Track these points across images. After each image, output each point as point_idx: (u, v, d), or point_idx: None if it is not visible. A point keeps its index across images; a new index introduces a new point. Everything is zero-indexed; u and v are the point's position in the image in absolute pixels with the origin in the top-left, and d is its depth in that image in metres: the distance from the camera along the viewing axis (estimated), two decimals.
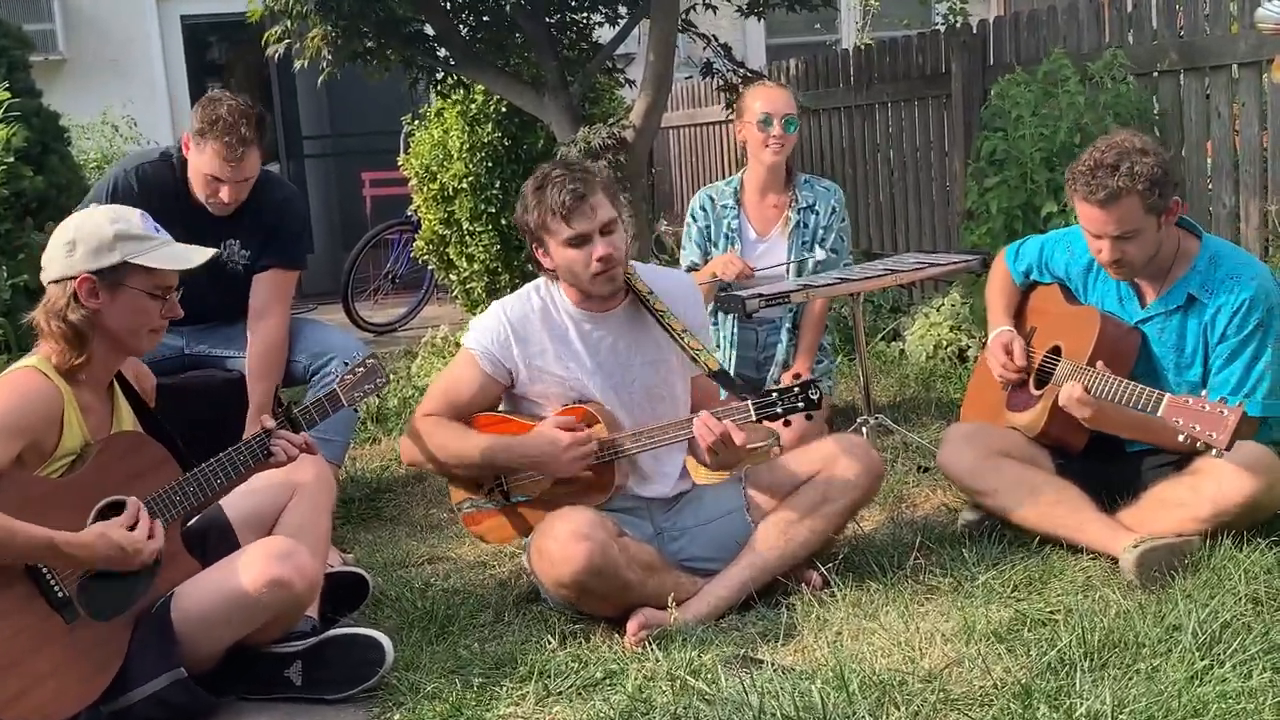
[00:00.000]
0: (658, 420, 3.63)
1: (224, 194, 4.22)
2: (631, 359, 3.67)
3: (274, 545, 3.19)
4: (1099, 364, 3.58)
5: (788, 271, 4.94)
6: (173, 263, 3.16)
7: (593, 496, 3.56)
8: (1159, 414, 3.39)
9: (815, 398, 3.44)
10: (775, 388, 3.49)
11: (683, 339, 3.62)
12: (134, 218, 3.18)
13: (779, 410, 3.45)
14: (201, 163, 4.19)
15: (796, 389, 3.44)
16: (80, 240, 3.10)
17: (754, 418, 3.46)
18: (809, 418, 3.51)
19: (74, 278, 3.08)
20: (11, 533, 2.85)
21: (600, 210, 3.52)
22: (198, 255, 3.23)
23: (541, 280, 3.73)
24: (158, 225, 3.22)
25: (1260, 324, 3.58)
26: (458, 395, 3.68)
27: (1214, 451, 3.29)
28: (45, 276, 3.15)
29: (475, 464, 3.62)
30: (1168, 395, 3.41)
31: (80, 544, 2.95)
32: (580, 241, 3.51)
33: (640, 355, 3.68)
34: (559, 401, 3.63)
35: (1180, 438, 3.35)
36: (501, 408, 3.72)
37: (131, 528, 3.03)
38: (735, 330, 5.02)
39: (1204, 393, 3.44)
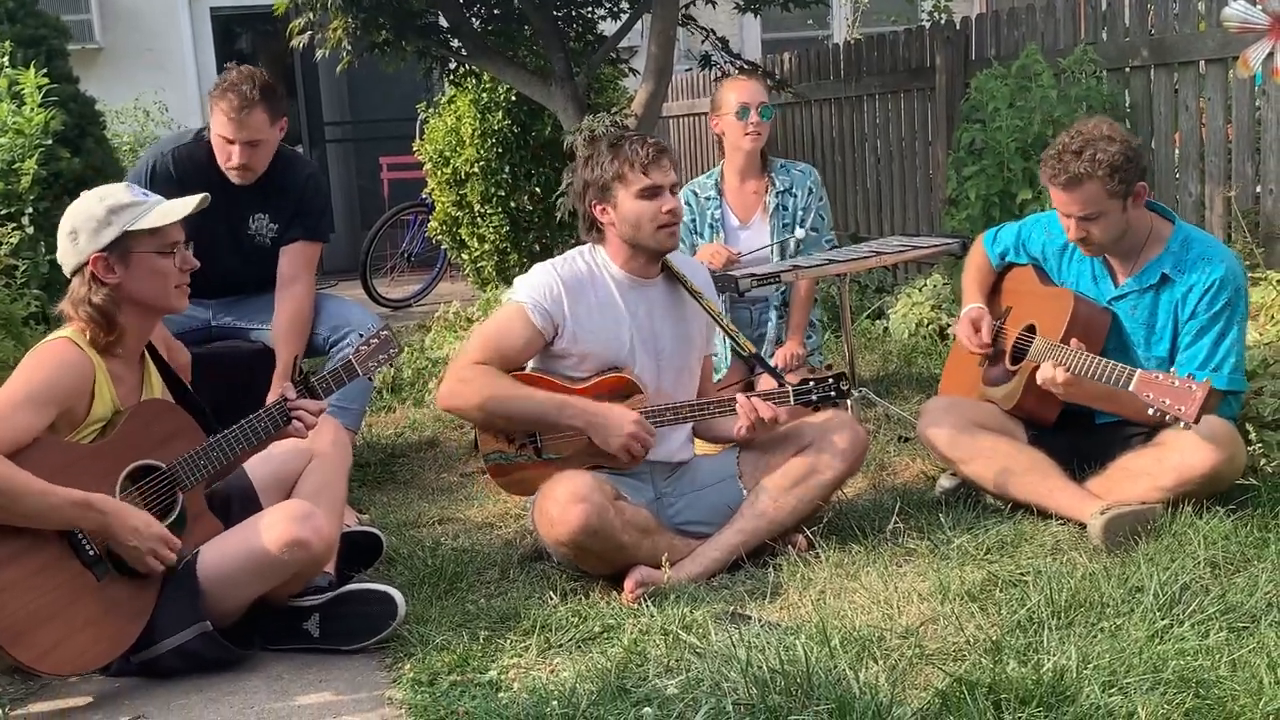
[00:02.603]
0: (680, 392, 3.66)
1: (234, 155, 4.17)
2: (664, 330, 3.66)
3: (293, 508, 3.18)
4: (1073, 341, 3.58)
5: (772, 253, 4.92)
6: (167, 217, 3.12)
7: (621, 461, 3.54)
8: (1130, 388, 3.39)
9: (846, 389, 3.59)
10: (812, 377, 3.61)
11: (722, 320, 3.66)
12: (119, 189, 3.16)
13: (814, 398, 3.58)
14: (215, 125, 4.18)
15: (830, 379, 3.59)
16: (79, 227, 3.08)
17: (792, 403, 3.53)
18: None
19: (86, 262, 3.07)
20: (47, 493, 2.86)
21: (673, 170, 3.58)
22: (190, 203, 3.18)
23: (585, 247, 3.69)
24: (145, 190, 3.19)
25: (1228, 303, 3.58)
26: (507, 346, 3.54)
27: (1182, 424, 3.28)
28: (65, 270, 3.14)
29: (528, 418, 3.51)
30: (1139, 371, 3.40)
31: (117, 510, 2.95)
32: (653, 193, 3.51)
33: (672, 328, 3.67)
34: (596, 363, 3.57)
35: (1150, 411, 3.34)
36: (532, 366, 3.63)
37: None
38: (729, 310, 5.01)
39: (1173, 369, 3.43)
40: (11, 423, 2.88)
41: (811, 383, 3.59)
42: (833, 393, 3.59)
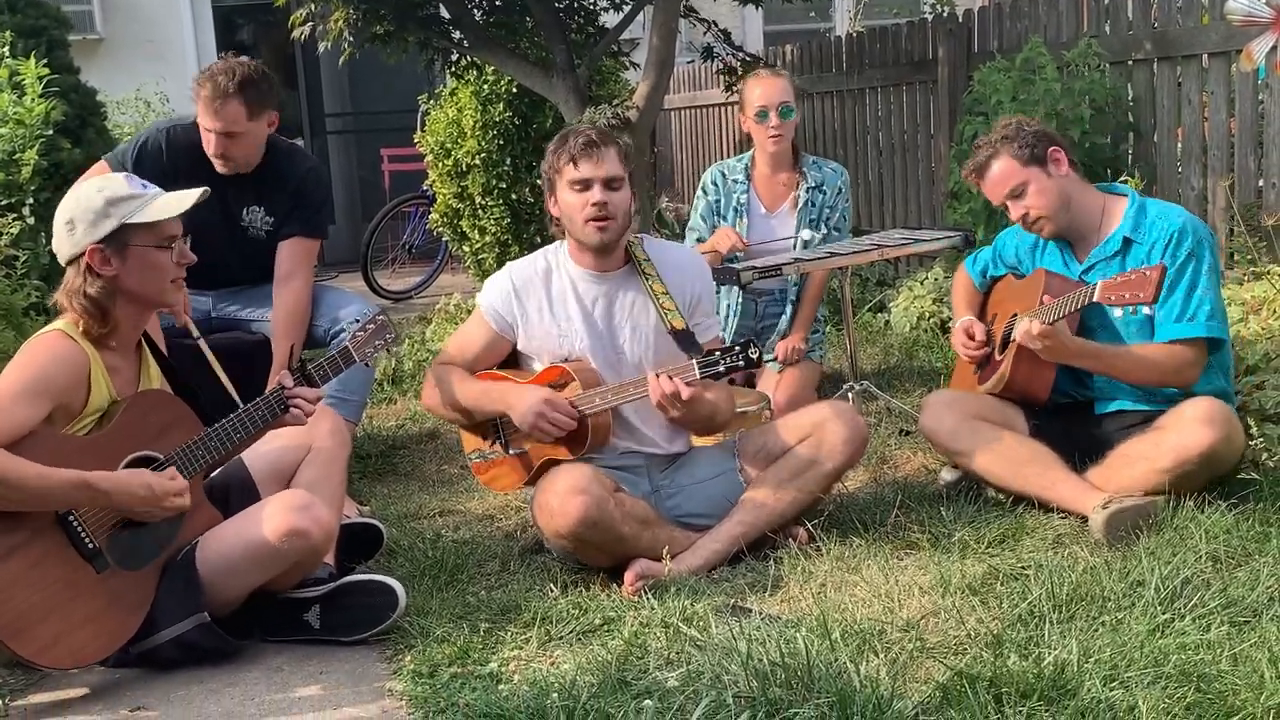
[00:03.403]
0: None
1: (212, 145, 4.19)
2: (623, 321, 3.66)
3: (293, 498, 3.18)
4: (1046, 299, 3.64)
5: (795, 246, 4.91)
6: (166, 211, 3.10)
7: (573, 448, 3.55)
8: (1095, 298, 3.48)
9: (754, 356, 3.43)
10: (718, 347, 3.47)
11: (658, 298, 3.60)
12: (119, 180, 3.13)
13: (721, 369, 3.43)
14: (197, 112, 4.19)
15: (737, 348, 3.43)
16: (77, 217, 3.05)
17: (698, 375, 3.42)
18: (751, 375, 3.53)
19: (83, 253, 3.05)
20: (46, 476, 2.86)
21: (607, 163, 3.53)
22: (189, 198, 3.15)
23: (555, 244, 3.73)
24: (145, 182, 3.16)
25: (1191, 253, 3.60)
26: (468, 348, 3.72)
27: (1146, 308, 3.45)
28: (61, 260, 3.12)
29: (468, 408, 3.64)
30: (1100, 281, 3.52)
31: (113, 480, 2.95)
32: (584, 186, 3.52)
33: (632, 319, 3.66)
34: (549, 358, 3.63)
35: (1117, 313, 3.52)
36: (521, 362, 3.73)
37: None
38: (739, 300, 4.99)
39: (1131, 268, 3.55)
40: (6, 416, 2.87)
41: (717, 353, 3.45)
42: (741, 361, 3.43)
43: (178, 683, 3.06)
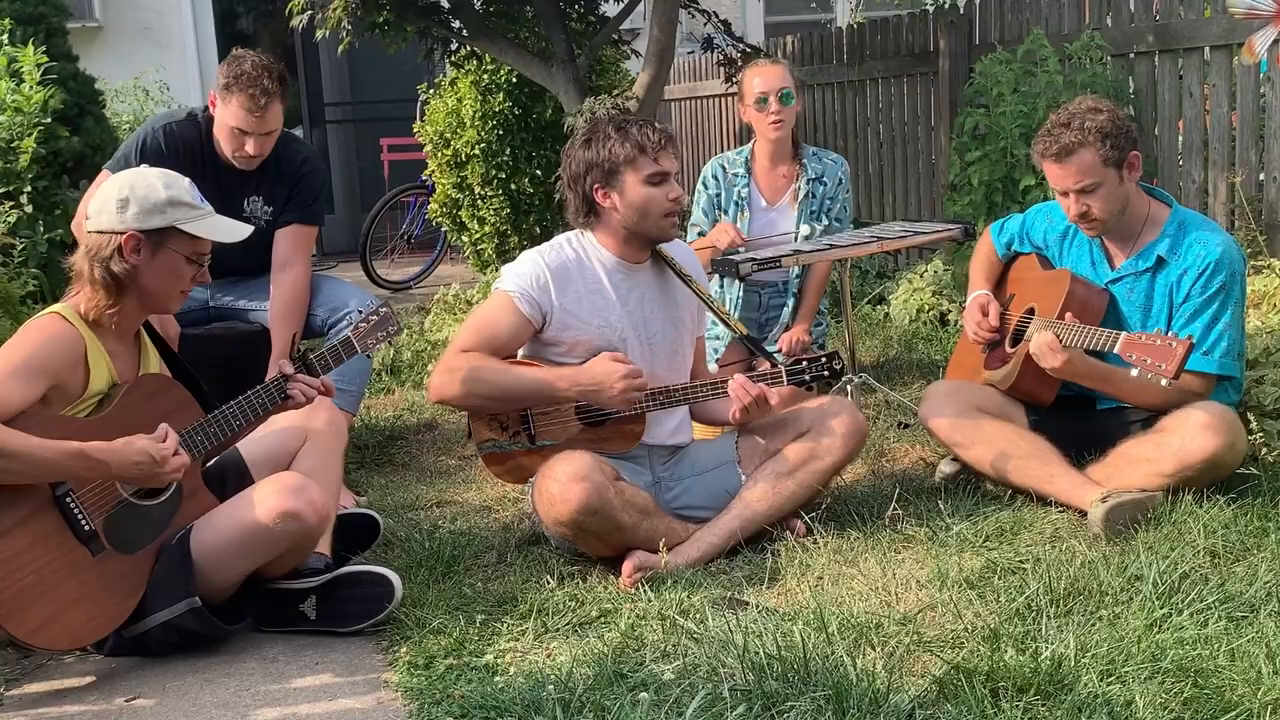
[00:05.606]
0: (672, 375, 3.65)
1: (249, 146, 4.15)
2: (654, 314, 3.65)
3: (287, 480, 3.18)
4: (1068, 316, 3.59)
5: (796, 239, 4.89)
6: (217, 234, 3.15)
7: (617, 444, 3.54)
8: (1116, 349, 3.41)
9: (839, 368, 3.54)
10: (805, 356, 3.56)
11: (713, 304, 3.66)
12: (185, 184, 3.15)
13: (807, 378, 3.53)
14: (227, 115, 4.13)
15: (824, 359, 3.54)
16: (134, 199, 3.07)
17: (785, 383, 3.50)
18: (829, 386, 3.56)
19: (121, 233, 3.06)
20: (43, 446, 2.86)
21: (677, 158, 3.57)
22: (241, 230, 3.23)
23: (572, 233, 3.68)
24: (202, 196, 3.20)
25: (1223, 286, 3.57)
26: (495, 335, 3.56)
27: (1163, 381, 3.31)
28: (92, 225, 3.11)
29: (519, 396, 3.52)
30: (1124, 333, 3.44)
31: (110, 449, 2.94)
32: (661, 179, 3.51)
33: (662, 312, 3.66)
34: (586, 350, 3.56)
35: (1134, 372, 3.37)
36: (523, 354, 3.65)
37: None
38: (741, 293, 4.98)
39: (1158, 329, 3.45)
40: (2, 392, 2.88)
41: (804, 362, 3.56)
42: (825, 372, 3.55)
43: (173, 673, 3.05)
